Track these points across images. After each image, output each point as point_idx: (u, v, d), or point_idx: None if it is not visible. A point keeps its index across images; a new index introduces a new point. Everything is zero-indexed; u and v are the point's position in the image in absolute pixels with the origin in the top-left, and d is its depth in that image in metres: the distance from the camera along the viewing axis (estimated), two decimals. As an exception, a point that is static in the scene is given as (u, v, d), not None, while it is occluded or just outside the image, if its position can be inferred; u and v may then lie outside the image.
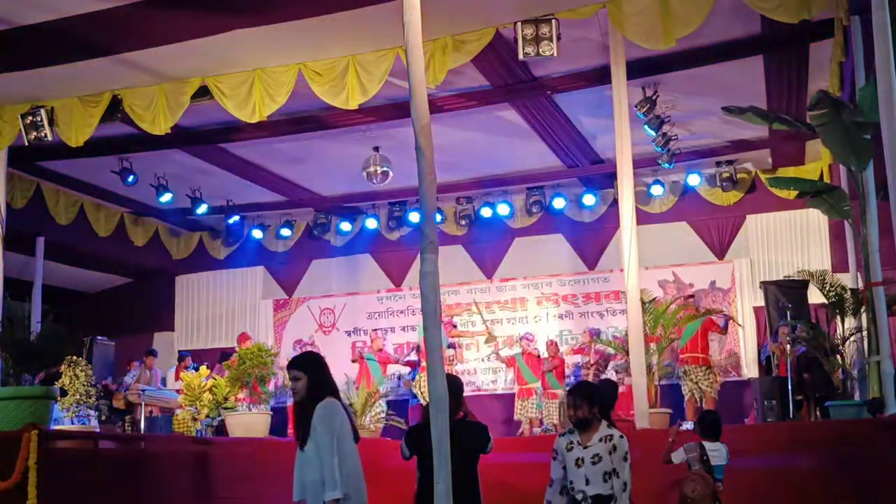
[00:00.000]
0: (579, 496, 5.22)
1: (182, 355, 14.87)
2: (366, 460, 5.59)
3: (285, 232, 16.46)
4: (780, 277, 12.99)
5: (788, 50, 10.28)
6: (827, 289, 9.60)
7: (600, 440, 5.21)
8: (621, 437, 5.28)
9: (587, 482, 5.13)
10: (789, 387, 10.21)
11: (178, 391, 11.49)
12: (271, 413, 10.09)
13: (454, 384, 5.61)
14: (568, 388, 5.57)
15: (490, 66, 10.36)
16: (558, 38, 8.92)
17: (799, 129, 9.38)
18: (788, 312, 11.17)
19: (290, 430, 13.26)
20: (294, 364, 5.28)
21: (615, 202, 11.71)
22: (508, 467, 8.27)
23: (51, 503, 5.83)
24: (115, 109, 10.49)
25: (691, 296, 13.36)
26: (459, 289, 15.79)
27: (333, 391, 5.24)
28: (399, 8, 5.23)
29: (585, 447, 5.20)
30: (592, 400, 5.36)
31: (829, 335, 9.50)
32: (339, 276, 16.76)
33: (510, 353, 13.98)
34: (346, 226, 16.30)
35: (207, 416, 9.86)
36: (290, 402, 13.45)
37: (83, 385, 9.34)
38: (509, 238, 15.82)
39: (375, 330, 15.42)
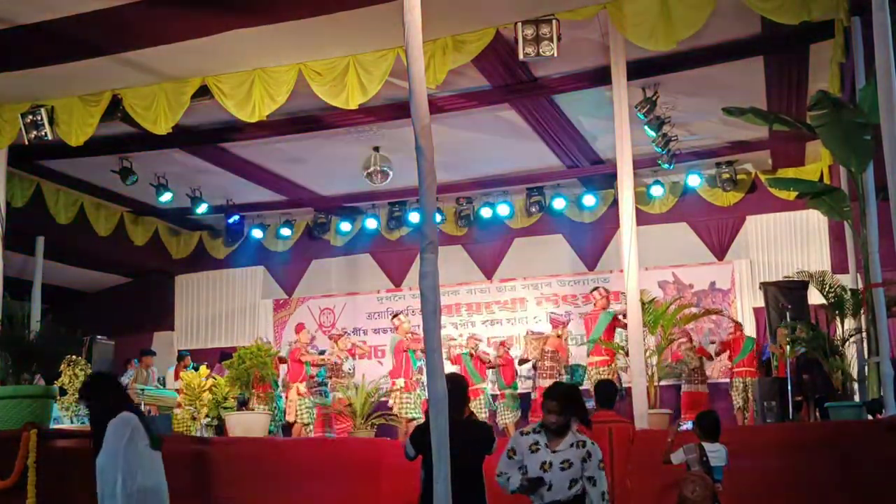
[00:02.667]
0: (536, 500, 4.95)
1: (181, 355, 14.89)
2: (366, 460, 5.58)
3: (285, 232, 16.47)
4: (780, 278, 12.99)
5: (789, 51, 10.28)
6: (827, 290, 9.60)
7: (572, 445, 4.92)
8: (593, 443, 5.02)
9: (549, 487, 4.85)
10: (789, 388, 10.21)
11: (177, 391, 11.49)
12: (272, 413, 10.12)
13: (459, 383, 5.62)
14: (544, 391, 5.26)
15: (490, 66, 10.36)
16: (559, 39, 8.92)
17: (799, 129, 9.37)
18: (788, 313, 11.17)
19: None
20: (81, 395, 5.52)
21: (615, 203, 11.71)
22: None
23: (50, 502, 5.84)
24: (115, 109, 10.50)
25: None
26: (459, 289, 15.79)
27: (126, 405, 5.31)
28: (399, 8, 5.23)
29: (555, 451, 4.91)
30: (569, 402, 5.06)
31: (828, 336, 9.50)
32: (338, 276, 16.77)
33: (457, 353, 13.70)
34: (346, 226, 16.31)
35: (207, 416, 9.86)
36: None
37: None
38: (509, 238, 15.82)
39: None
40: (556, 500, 4.82)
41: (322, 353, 13.39)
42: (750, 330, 14.22)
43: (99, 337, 14.25)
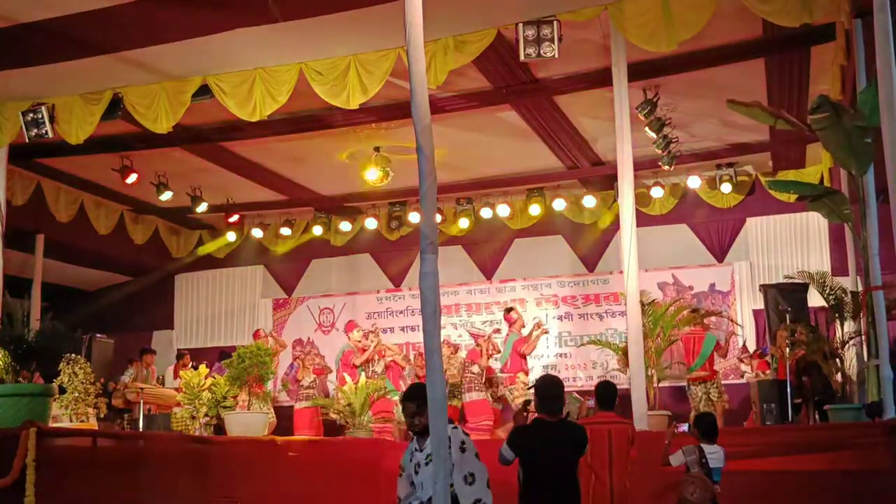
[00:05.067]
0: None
1: (181, 354, 14.89)
2: (365, 460, 5.60)
3: (285, 231, 16.47)
4: (780, 280, 12.99)
5: (790, 53, 10.28)
6: (827, 292, 9.61)
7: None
8: (455, 428, 4.87)
9: (422, 487, 4.76)
10: (788, 390, 10.21)
11: (176, 389, 11.49)
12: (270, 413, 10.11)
13: (555, 385, 5.59)
14: (404, 393, 5.17)
15: (491, 67, 10.36)
16: (560, 40, 8.92)
17: (801, 129, 9.37)
18: (788, 315, 11.17)
19: (296, 433, 13.27)
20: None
21: (615, 204, 11.71)
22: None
23: (49, 501, 5.83)
24: (116, 107, 10.50)
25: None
26: (459, 289, 15.79)
27: None
28: (400, 8, 5.23)
29: (421, 450, 4.85)
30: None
31: (828, 339, 9.51)
32: (338, 275, 16.77)
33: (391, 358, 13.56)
34: (345, 225, 16.31)
35: (206, 415, 9.86)
36: (298, 406, 13.42)
37: (82, 383, 9.34)
38: (509, 239, 15.82)
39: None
40: (430, 496, 4.72)
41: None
42: (750, 331, 14.24)
43: (98, 335, 14.29)
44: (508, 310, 13.36)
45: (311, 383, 13.48)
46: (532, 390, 6.04)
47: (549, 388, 5.52)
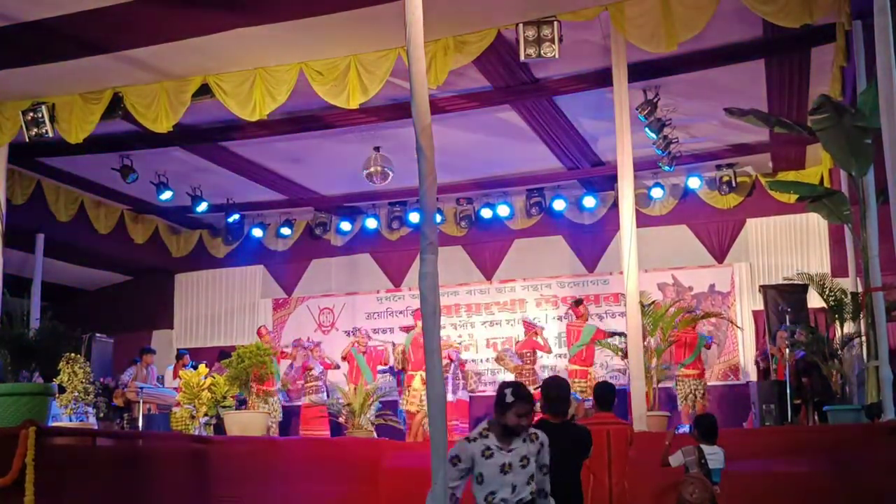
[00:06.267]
0: None
1: (180, 353, 14.89)
2: (365, 460, 5.59)
3: (285, 231, 16.48)
4: (780, 281, 12.99)
5: (790, 54, 10.28)
6: (826, 293, 9.60)
7: (524, 441, 4.70)
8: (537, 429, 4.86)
9: (514, 489, 4.61)
10: (788, 391, 10.21)
11: (176, 389, 11.49)
12: (272, 413, 10.11)
13: (561, 386, 5.56)
14: (518, 393, 4.91)
15: (491, 67, 10.36)
16: (560, 40, 8.93)
17: (800, 132, 9.37)
18: (787, 316, 11.17)
19: (301, 431, 13.29)
20: None
21: (615, 204, 11.71)
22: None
23: (48, 500, 5.83)
24: (116, 107, 10.51)
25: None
26: (459, 290, 15.79)
27: None
28: (401, 8, 5.23)
29: (509, 451, 4.65)
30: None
31: (828, 339, 9.50)
32: (338, 275, 16.77)
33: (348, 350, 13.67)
34: (345, 225, 16.31)
35: (206, 415, 9.85)
36: (303, 401, 13.48)
37: (81, 382, 9.33)
38: (509, 239, 15.82)
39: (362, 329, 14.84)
40: (521, 498, 4.64)
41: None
42: (749, 332, 14.24)
43: (98, 335, 14.29)
44: (578, 302, 13.24)
45: (320, 374, 13.55)
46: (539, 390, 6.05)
47: (556, 389, 5.50)
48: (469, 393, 13.70)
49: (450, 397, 12.79)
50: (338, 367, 13.95)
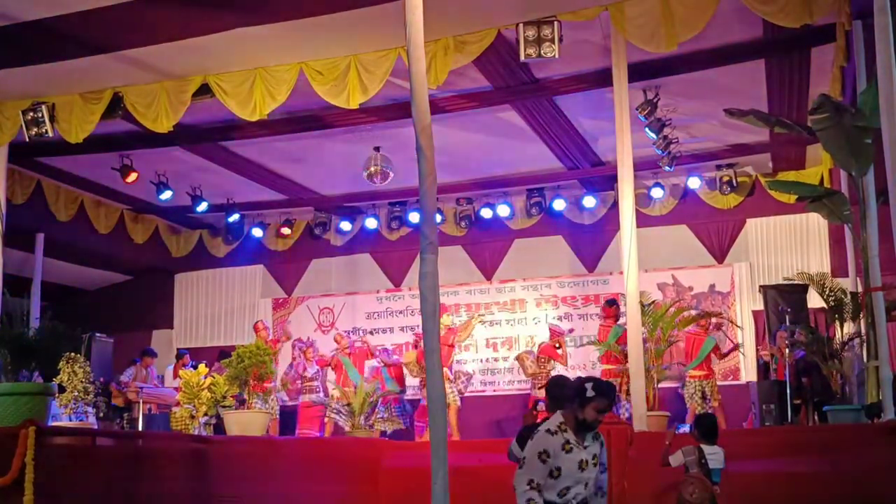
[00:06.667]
0: (574, 501, 4.64)
1: (180, 353, 14.89)
2: (364, 460, 5.59)
3: (285, 231, 16.48)
4: (780, 281, 12.99)
5: (790, 54, 10.28)
6: (826, 293, 9.60)
7: (593, 438, 4.73)
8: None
9: (586, 486, 4.62)
10: (788, 391, 10.21)
11: (175, 389, 11.49)
12: (271, 412, 10.11)
13: (564, 383, 5.54)
14: (600, 388, 4.79)
15: (491, 67, 10.36)
16: (560, 40, 8.93)
17: (800, 132, 9.38)
18: (787, 316, 11.17)
19: (298, 430, 13.30)
20: None
21: (615, 204, 11.71)
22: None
23: (48, 499, 5.83)
24: (116, 107, 10.51)
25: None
26: (459, 290, 15.79)
27: None
28: (401, 8, 5.25)
29: (584, 447, 4.68)
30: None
31: (828, 339, 9.50)
32: (338, 275, 16.76)
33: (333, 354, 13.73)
34: (345, 225, 16.31)
35: (205, 415, 9.86)
36: (301, 400, 13.50)
37: (81, 382, 9.33)
38: (509, 239, 15.82)
39: (340, 332, 15.06)
40: (589, 495, 4.66)
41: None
42: (749, 332, 14.23)
43: (98, 334, 14.26)
44: (610, 303, 13.03)
45: (315, 374, 13.56)
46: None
47: (558, 387, 5.53)
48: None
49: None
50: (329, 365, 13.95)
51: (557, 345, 13.29)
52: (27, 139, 10.77)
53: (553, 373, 13.07)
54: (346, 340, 13.93)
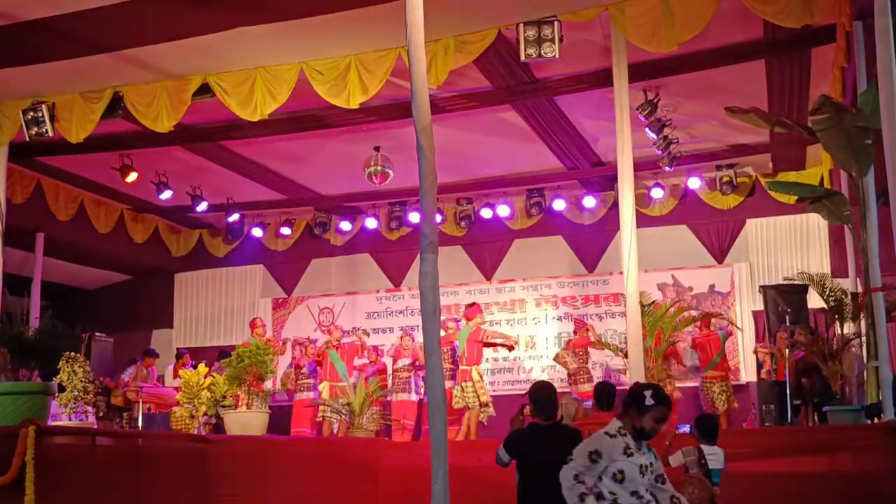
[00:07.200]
0: None
1: (180, 353, 14.88)
2: (364, 459, 5.59)
3: (285, 230, 16.48)
4: (780, 282, 12.99)
5: (790, 54, 10.28)
6: (826, 293, 9.59)
7: (648, 448, 4.68)
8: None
9: (647, 491, 4.56)
10: (787, 391, 10.21)
11: (175, 389, 11.49)
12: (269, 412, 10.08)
13: (548, 390, 5.75)
14: (659, 396, 4.68)
15: (492, 67, 10.36)
16: (560, 40, 8.92)
17: (800, 133, 9.37)
18: (787, 317, 11.17)
19: (293, 429, 13.28)
20: None
21: (615, 204, 11.71)
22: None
23: (48, 499, 5.83)
24: (116, 106, 10.51)
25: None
26: (458, 290, 15.79)
27: None
28: (401, 8, 5.24)
29: (642, 454, 4.63)
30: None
31: (827, 340, 9.50)
32: (338, 275, 16.77)
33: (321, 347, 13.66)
34: (345, 225, 16.31)
35: (205, 414, 9.85)
36: (297, 398, 13.49)
37: (81, 381, 9.32)
38: (509, 239, 15.82)
39: (337, 325, 14.87)
40: (650, 501, 4.59)
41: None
42: (749, 332, 14.23)
43: (98, 334, 14.29)
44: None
45: (311, 373, 13.60)
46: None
47: (542, 392, 5.70)
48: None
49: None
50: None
51: (587, 330, 13.35)
52: (27, 138, 10.76)
53: (590, 364, 13.13)
54: (337, 333, 13.81)
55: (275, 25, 9.01)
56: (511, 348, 13.44)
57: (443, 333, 13.13)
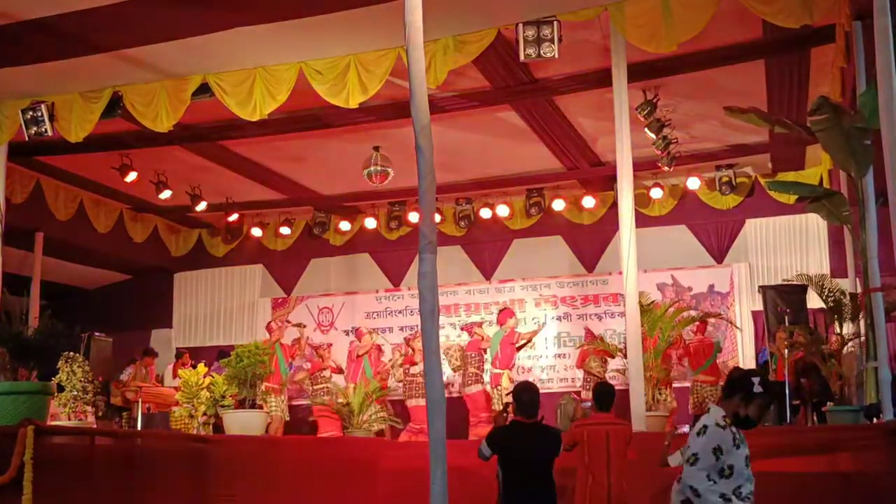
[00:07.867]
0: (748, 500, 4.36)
1: (180, 352, 14.88)
2: (363, 459, 5.59)
3: (285, 230, 16.48)
4: (779, 282, 12.99)
5: (790, 55, 10.28)
6: (826, 294, 9.60)
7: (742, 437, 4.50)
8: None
9: (750, 482, 4.38)
10: (787, 391, 10.22)
11: (175, 388, 11.49)
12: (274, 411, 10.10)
13: (531, 390, 6.01)
14: (766, 384, 4.53)
15: (491, 67, 10.36)
16: (560, 40, 8.92)
17: (799, 133, 9.37)
18: (787, 317, 11.17)
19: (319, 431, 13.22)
20: None
21: (614, 204, 11.70)
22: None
23: (47, 499, 5.83)
24: (115, 106, 10.50)
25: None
26: (458, 289, 15.78)
27: None
28: (400, 7, 5.23)
29: (745, 443, 4.45)
30: None
31: (827, 340, 9.51)
32: (337, 275, 16.77)
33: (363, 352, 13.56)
34: (345, 225, 16.31)
35: (204, 414, 9.85)
36: (314, 405, 13.44)
37: (80, 381, 9.33)
38: (508, 239, 15.82)
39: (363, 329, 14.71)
40: (750, 491, 4.39)
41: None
42: (748, 333, 14.23)
43: (97, 333, 14.28)
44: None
45: (304, 378, 13.61)
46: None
47: (525, 392, 5.95)
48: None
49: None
50: (341, 371, 13.82)
51: (598, 339, 13.39)
52: (27, 138, 10.76)
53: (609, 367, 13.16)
54: (367, 337, 13.65)
55: (274, 25, 9.01)
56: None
57: (468, 338, 13.26)
